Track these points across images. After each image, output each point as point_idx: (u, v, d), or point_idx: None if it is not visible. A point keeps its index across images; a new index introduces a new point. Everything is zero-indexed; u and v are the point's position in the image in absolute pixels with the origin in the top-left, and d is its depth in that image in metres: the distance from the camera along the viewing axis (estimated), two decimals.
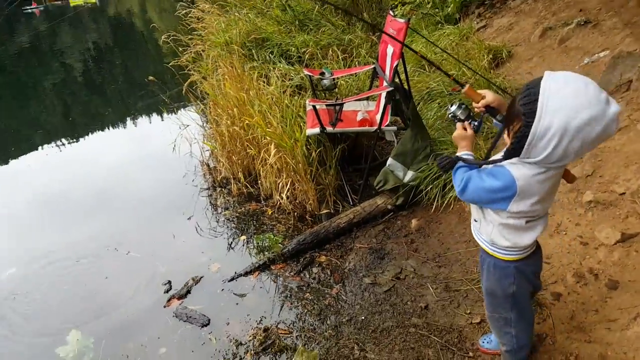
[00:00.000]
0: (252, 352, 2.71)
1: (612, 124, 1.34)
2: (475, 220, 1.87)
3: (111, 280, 3.52)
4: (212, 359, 2.73)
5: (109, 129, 7.50)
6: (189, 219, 4.20)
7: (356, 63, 5.63)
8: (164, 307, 3.18)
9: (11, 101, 9.46)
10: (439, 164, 1.77)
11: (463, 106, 1.83)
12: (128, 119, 7.75)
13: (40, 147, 6.65)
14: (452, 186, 3.09)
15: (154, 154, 5.78)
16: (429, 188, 3.49)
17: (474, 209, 1.85)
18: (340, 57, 5.60)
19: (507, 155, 1.56)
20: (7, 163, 6.26)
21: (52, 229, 4.35)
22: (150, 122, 7.44)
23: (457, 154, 1.80)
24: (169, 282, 3.41)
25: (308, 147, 3.86)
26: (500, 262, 1.81)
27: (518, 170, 1.54)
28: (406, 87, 3.82)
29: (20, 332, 3.12)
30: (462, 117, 1.83)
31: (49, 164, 6.08)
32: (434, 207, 3.46)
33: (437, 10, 6.38)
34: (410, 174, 3.60)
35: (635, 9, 3.82)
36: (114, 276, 3.56)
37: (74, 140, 7.05)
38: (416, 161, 3.58)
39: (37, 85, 10.37)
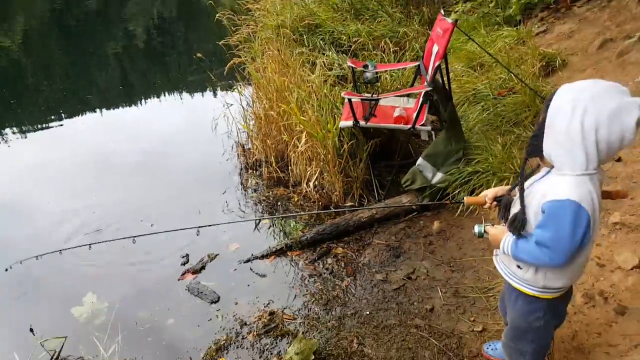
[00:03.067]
0: (255, 333, 2.90)
1: (634, 109, 1.37)
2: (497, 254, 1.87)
3: (131, 249, 3.71)
4: (216, 335, 2.93)
5: (159, 99, 8.03)
6: (223, 193, 4.49)
7: (407, 57, 5.68)
8: (178, 279, 3.42)
9: (73, 63, 10.14)
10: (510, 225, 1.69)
11: (483, 226, 1.88)
12: (178, 91, 8.20)
13: (95, 110, 7.41)
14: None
15: (197, 129, 6.07)
16: (456, 192, 3.54)
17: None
18: (391, 50, 5.65)
19: (530, 150, 1.63)
20: (61, 122, 6.86)
21: (89, 189, 4.72)
22: (197, 98, 7.82)
23: (505, 245, 1.72)
24: (187, 255, 3.65)
25: (341, 138, 3.98)
26: (530, 299, 1.78)
27: (571, 191, 1.48)
28: (447, 88, 3.87)
29: (40, 290, 3.45)
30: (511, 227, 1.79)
31: (100, 127, 6.70)
32: (458, 211, 3.53)
33: (499, 10, 6.30)
34: (439, 176, 3.67)
35: None
36: (135, 245, 3.79)
37: (126, 106, 7.75)
38: (447, 163, 3.65)
39: (99, 50, 11.00)
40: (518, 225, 1.63)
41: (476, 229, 1.89)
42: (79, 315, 3.14)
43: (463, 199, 2.00)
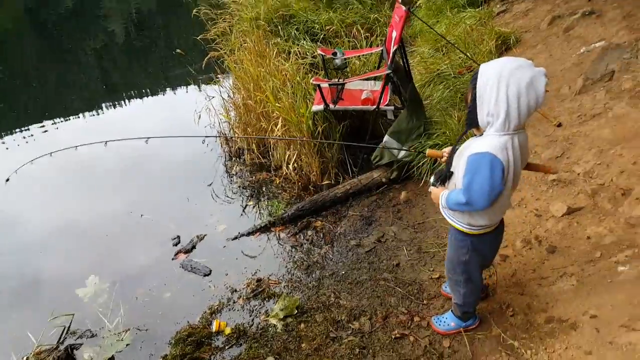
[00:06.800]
0: (244, 297, 3.36)
1: (541, 77, 1.78)
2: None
3: (127, 236, 4.23)
4: (210, 301, 3.38)
5: (141, 97, 8.37)
6: (209, 185, 4.87)
7: (379, 42, 6.12)
8: (172, 259, 3.86)
9: (52, 64, 10.43)
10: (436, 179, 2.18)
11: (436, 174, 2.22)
12: (159, 88, 8.56)
13: (77, 113, 7.61)
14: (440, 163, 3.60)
15: (180, 123, 6.40)
16: (420, 164, 4.01)
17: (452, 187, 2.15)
18: (363, 36, 6.09)
19: (468, 123, 1.98)
20: (43, 125, 7.16)
21: (79, 189, 5.12)
22: (179, 92, 8.15)
23: (442, 199, 2.14)
24: (178, 237, 4.09)
25: (315, 122, 4.43)
26: (460, 235, 2.25)
27: (489, 146, 1.87)
28: (407, 70, 4.32)
29: (47, 274, 3.87)
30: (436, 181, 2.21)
31: (83, 129, 6.98)
32: (422, 181, 4.00)
33: None
34: (403, 151, 4.14)
35: (636, 1, 4.17)
36: (130, 233, 4.26)
37: (109, 105, 7.97)
38: (410, 139, 4.11)
39: (77, 49, 11.27)
40: (441, 177, 2.10)
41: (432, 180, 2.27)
42: (83, 295, 3.57)
43: (426, 150, 2.39)
